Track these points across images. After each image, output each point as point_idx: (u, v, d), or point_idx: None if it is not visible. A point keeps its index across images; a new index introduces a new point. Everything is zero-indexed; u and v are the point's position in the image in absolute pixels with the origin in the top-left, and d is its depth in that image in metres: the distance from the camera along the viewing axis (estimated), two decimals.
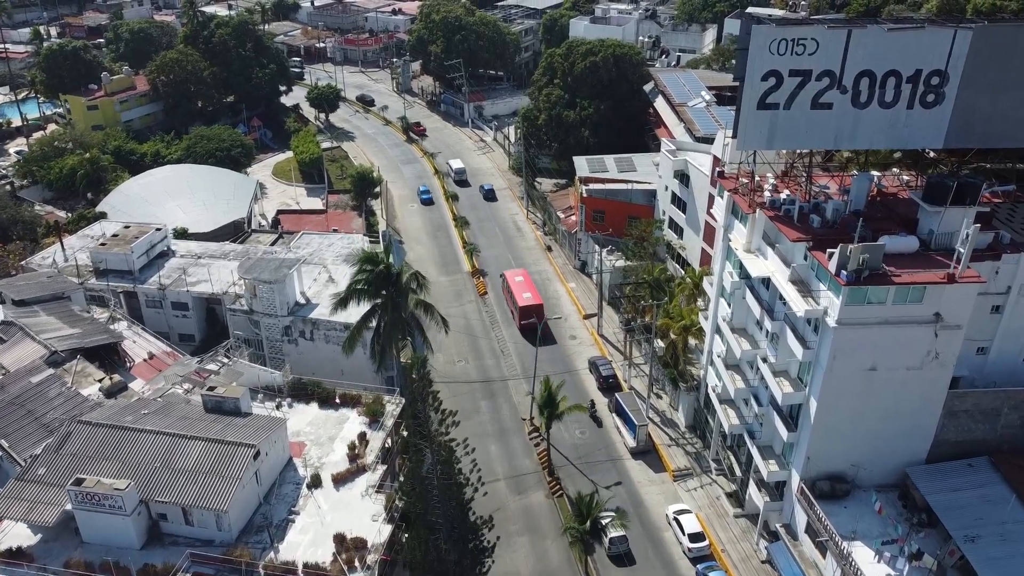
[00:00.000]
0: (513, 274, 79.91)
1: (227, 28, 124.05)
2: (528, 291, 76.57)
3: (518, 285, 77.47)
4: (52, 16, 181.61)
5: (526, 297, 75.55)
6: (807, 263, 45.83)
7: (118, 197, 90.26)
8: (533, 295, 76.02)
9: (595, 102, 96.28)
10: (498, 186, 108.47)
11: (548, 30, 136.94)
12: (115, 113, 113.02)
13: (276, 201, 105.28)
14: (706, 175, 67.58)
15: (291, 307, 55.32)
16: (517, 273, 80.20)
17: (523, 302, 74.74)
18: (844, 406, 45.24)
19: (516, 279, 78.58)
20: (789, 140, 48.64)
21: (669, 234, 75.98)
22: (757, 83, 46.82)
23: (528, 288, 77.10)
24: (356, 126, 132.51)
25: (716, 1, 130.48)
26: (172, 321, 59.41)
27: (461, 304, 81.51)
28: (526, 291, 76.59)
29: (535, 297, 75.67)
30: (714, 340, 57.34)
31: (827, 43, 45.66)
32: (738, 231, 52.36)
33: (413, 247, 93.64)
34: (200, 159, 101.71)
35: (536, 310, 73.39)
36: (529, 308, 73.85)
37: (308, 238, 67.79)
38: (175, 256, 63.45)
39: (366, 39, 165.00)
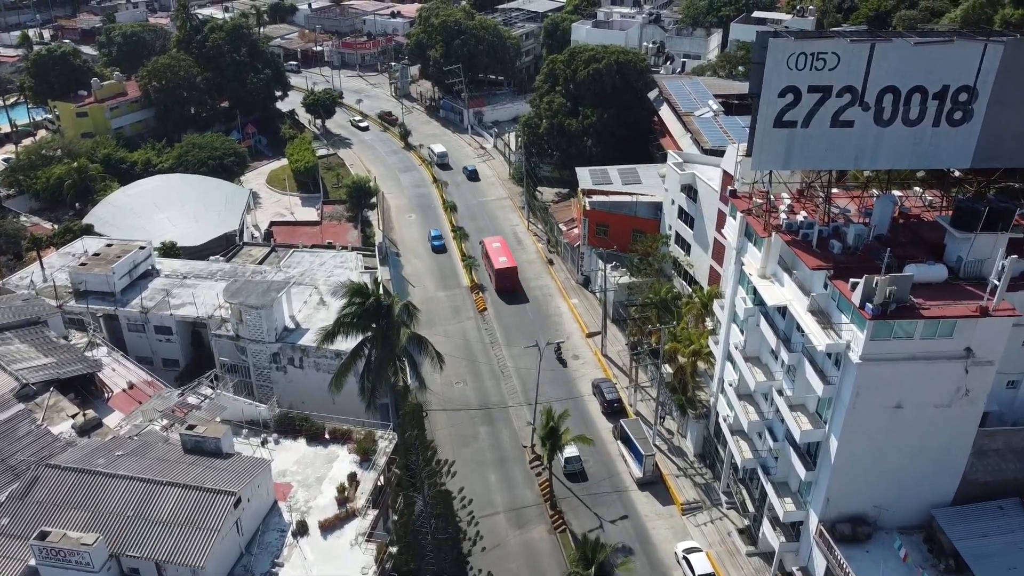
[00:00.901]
0: (491, 240, 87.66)
1: (221, 32, 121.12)
2: (504, 255, 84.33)
3: (495, 250, 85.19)
4: (45, 18, 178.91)
5: (502, 261, 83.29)
6: (827, 292, 42.96)
7: (106, 209, 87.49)
8: (508, 259, 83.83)
9: (598, 110, 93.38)
10: (498, 195, 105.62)
11: (549, 34, 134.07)
12: (105, 120, 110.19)
13: (270, 211, 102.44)
14: (715, 190, 64.70)
15: (279, 333, 52.49)
16: (495, 240, 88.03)
17: (499, 265, 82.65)
18: (867, 445, 42.39)
19: (493, 245, 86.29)
20: (807, 160, 45.79)
21: (676, 250, 73.11)
22: (774, 100, 44.02)
23: (504, 253, 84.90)
24: (353, 132, 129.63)
25: (721, 5, 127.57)
26: (155, 345, 56.59)
27: (459, 321, 78.66)
28: (502, 255, 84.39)
29: (510, 261, 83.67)
30: (725, 367, 54.45)
31: (849, 58, 42.84)
32: (752, 255, 49.47)
33: (410, 260, 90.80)
34: (192, 168, 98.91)
35: (511, 272, 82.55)
36: (504, 271, 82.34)
37: (299, 256, 64.96)
38: (159, 276, 60.60)
39: (364, 42, 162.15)
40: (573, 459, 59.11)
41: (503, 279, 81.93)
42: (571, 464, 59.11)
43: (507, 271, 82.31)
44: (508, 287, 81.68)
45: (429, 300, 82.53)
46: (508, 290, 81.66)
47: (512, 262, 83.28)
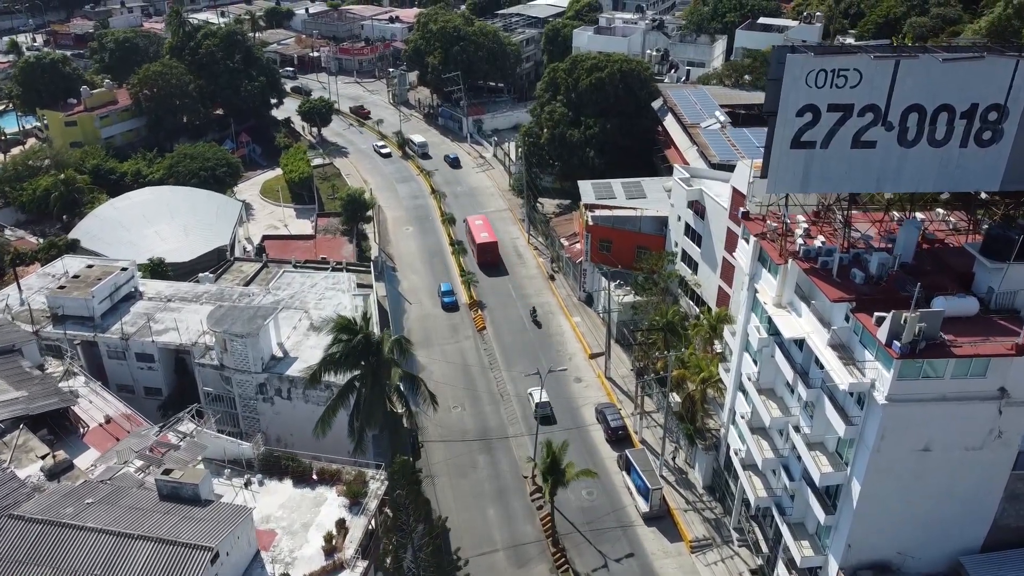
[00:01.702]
0: (474, 219, 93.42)
1: (214, 39, 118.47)
2: (485, 231, 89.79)
3: (477, 227, 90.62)
4: (38, 23, 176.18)
5: (483, 236, 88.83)
6: (849, 326, 40.17)
7: (93, 222, 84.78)
8: (489, 234, 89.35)
9: (600, 120, 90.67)
10: (498, 207, 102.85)
11: (550, 40, 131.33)
12: (95, 129, 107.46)
13: (263, 223, 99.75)
14: (724, 208, 61.93)
15: (266, 362, 49.69)
16: (478, 218, 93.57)
17: (481, 240, 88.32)
18: (892, 489, 39.58)
19: (476, 223, 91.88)
20: (826, 182, 43.00)
21: (682, 268, 70.31)
22: (791, 119, 41.23)
23: (486, 229, 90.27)
24: (350, 140, 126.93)
25: (726, 11, 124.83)
26: (137, 373, 53.80)
27: (457, 340, 75.86)
28: (484, 231, 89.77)
29: (491, 236, 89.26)
30: (737, 397, 51.62)
31: (872, 74, 40.07)
32: (766, 282, 46.69)
33: (407, 275, 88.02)
34: (183, 179, 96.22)
35: (492, 246, 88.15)
36: (485, 245, 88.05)
37: (289, 277, 62.13)
38: (142, 299, 57.78)
39: (362, 48, 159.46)
40: (543, 404, 63.51)
41: (484, 253, 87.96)
42: (541, 408, 63.25)
43: (488, 245, 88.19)
44: (489, 260, 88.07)
45: (426, 317, 79.82)
46: (489, 263, 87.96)
47: (493, 237, 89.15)
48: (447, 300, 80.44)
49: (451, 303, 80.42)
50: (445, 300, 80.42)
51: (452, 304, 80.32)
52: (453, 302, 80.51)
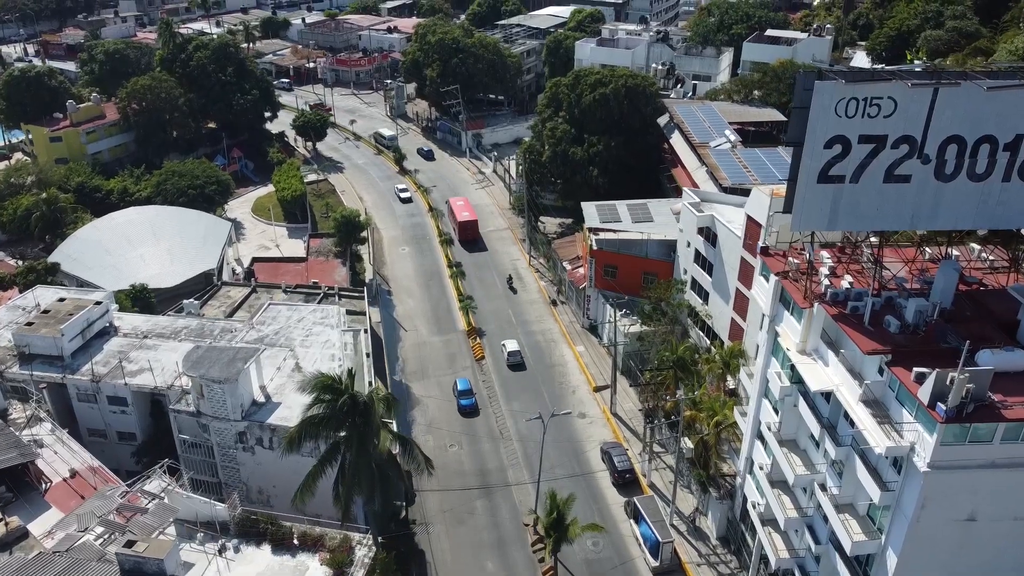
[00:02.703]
0: (455, 200, 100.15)
1: (206, 51, 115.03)
2: (466, 211, 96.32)
3: (459, 207, 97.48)
4: (30, 33, 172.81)
5: (464, 215, 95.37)
6: (884, 380, 36.48)
7: (75, 244, 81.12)
8: (470, 214, 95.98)
9: (604, 138, 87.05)
10: (498, 226, 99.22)
11: (552, 52, 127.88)
12: (81, 145, 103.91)
13: (254, 243, 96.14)
14: (738, 236, 58.25)
15: (246, 409, 45.95)
16: (459, 199, 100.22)
17: (461, 218, 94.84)
18: (931, 562, 35.89)
19: (458, 203, 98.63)
20: (856, 220, 39.39)
21: (692, 297, 66.63)
22: (819, 151, 37.68)
23: (467, 209, 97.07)
24: (345, 155, 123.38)
25: (732, 23, 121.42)
26: (109, 417, 50.10)
27: (455, 371, 72.08)
28: (465, 211, 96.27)
29: (471, 215, 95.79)
30: (754, 446, 47.91)
31: (907, 103, 36.57)
32: (789, 325, 42.99)
33: (403, 299, 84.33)
34: (171, 198, 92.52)
35: (472, 224, 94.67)
36: (466, 223, 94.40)
37: (275, 310, 58.35)
38: (117, 334, 54.07)
39: (359, 59, 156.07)
40: (514, 352, 71.47)
41: (465, 230, 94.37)
42: (512, 357, 71.08)
43: (468, 223, 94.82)
44: (469, 237, 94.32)
45: (422, 345, 76.12)
46: (470, 239, 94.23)
47: (473, 216, 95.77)
48: (464, 403, 65.65)
49: (469, 406, 65.58)
50: (462, 403, 65.65)
51: (471, 407, 65.55)
52: (472, 405, 65.72)
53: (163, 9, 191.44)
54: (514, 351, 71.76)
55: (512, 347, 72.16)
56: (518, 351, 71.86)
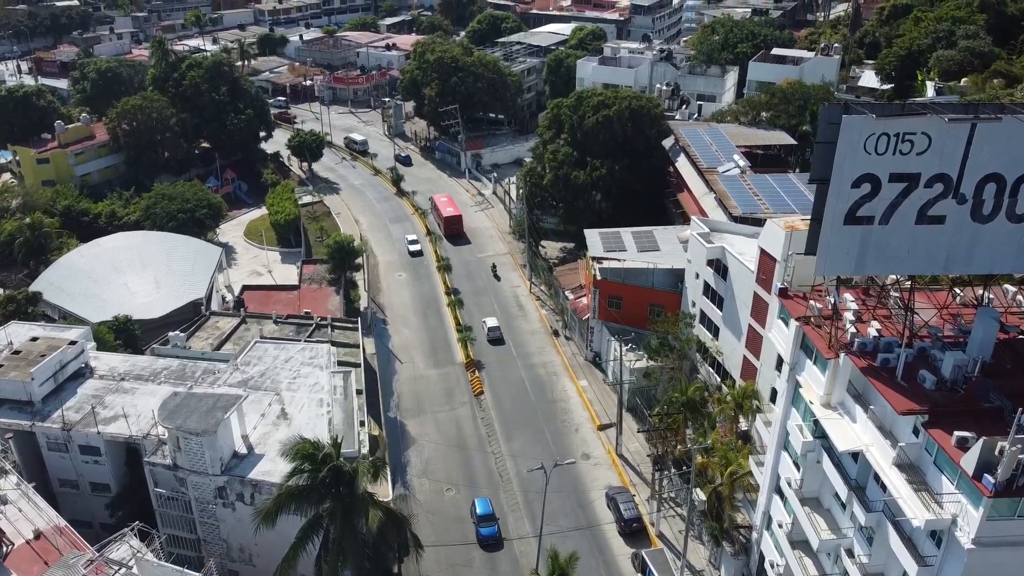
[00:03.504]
0: (439, 196, 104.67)
1: (199, 70, 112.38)
2: (450, 207, 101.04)
3: (443, 203, 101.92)
4: (24, 50, 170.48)
5: (449, 211, 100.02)
6: (920, 442, 33.32)
7: (58, 272, 78.07)
8: (454, 209, 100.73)
9: (608, 161, 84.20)
10: (498, 251, 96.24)
11: (553, 71, 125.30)
12: (69, 167, 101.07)
13: (245, 269, 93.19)
14: (750, 270, 55.18)
15: (226, 462, 42.74)
16: (442, 196, 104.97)
17: (447, 214, 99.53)
18: None
19: (441, 199, 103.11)
20: (886, 263, 36.44)
21: (701, 331, 63.50)
22: (846, 191, 34.75)
23: (450, 205, 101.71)
24: (342, 176, 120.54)
25: (737, 41, 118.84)
26: (81, 467, 46.88)
27: (452, 407, 68.90)
28: (449, 207, 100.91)
29: (455, 210, 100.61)
30: (772, 500, 44.65)
31: (943, 139, 33.69)
32: (811, 375, 39.84)
33: (399, 329, 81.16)
34: (160, 222, 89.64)
35: (456, 219, 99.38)
36: (450, 218, 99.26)
37: (261, 349, 55.18)
38: (93, 377, 50.93)
39: (356, 77, 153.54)
40: (494, 328, 77.39)
41: (450, 225, 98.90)
42: (492, 332, 76.95)
43: (453, 218, 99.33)
44: (454, 231, 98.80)
45: (418, 379, 72.94)
46: (455, 234, 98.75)
47: (457, 211, 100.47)
48: (485, 532, 54.45)
49: (491, 537, 54.35)
50: (482, 532, 54.46)
51: (493, 537, 54.34)
52: (494, 534, 54.48)
53: (159, 26, 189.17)
54: (494, 327, 77.96)
55: (492, 323, 78.47)
56: (497, 327, 78.10)
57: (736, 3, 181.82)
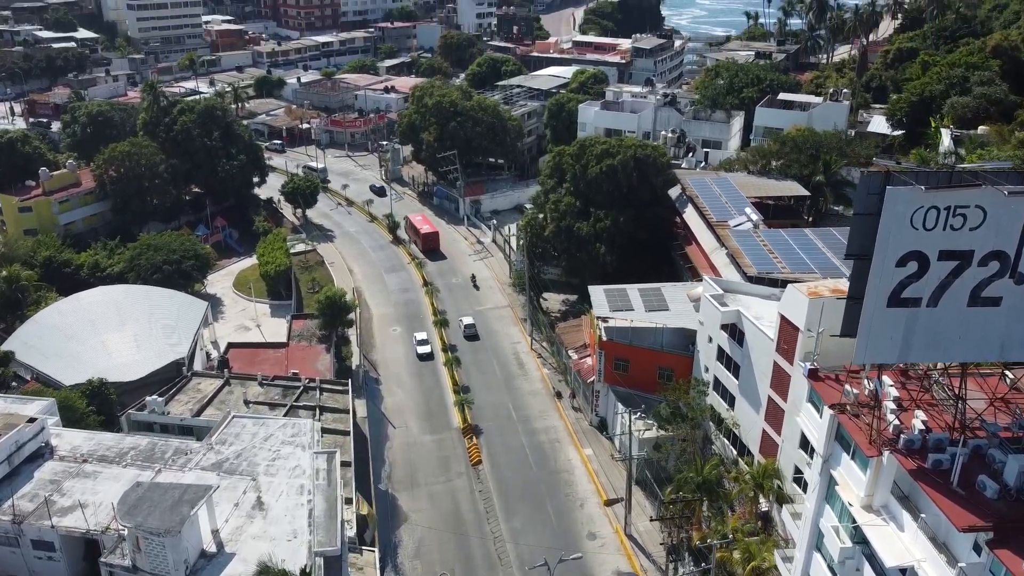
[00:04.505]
0: (414, 216, 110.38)
1: (191, 115, 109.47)
2: (426, 225, 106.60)
3: (418, 221, 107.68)
4: (18, 92, 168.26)
5: (425, 228, 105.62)
6: (984, 562, 28.88)
7: (33, 330, 73.86)
8: (430, 227, 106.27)
9: (612, 212, 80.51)
10: (497, 303, 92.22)
11: (554, 115, 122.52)
12: (52, 215, 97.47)
13: (232, 323, 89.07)
14: (770, 338, 51.03)
15: (192, 564, 38.11)
16: (417, 215, 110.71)
17: (424, 231, 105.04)
18: None
19: (416, 218, 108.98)
20: (934, 350, 32.39)
21: (715, 399, 59.15)
22: (890, 269, 30.82)
23: (426, 223, 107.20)
24: (337, 223, 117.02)
25: (743, 85, 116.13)
26: (34, 564, 42.13)
27: (448, 479, 64.26)
28: (425, 225, 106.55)
29: (432, 228, 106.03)
30: None
31: (999, 213, 29.91)
32: (848, 472, 35.48)
33: (392, 389, 76.79)
34: (144, 274, 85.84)
35: (433, 236, 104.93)
36: (428, 235, 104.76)
37: (239, 425, 50.66)
38: (53, 458, 46.43)
39: (354, 120, 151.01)
40: (470, 325, 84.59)
41: (428, 241, 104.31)
42: (468, 329, 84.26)
43: (430, 235, 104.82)
44: (432, 247, 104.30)
45: (412, 446, 68.42)
46: (432, 249, 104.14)
47: (433, 228, 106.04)
48: None
49: None
50: None
51: None
52: None
53: (155, 68, 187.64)
54: (470, 324, 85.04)
55: (468, 321, 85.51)
56: (473, 324, 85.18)
57: (738, 46, 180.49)
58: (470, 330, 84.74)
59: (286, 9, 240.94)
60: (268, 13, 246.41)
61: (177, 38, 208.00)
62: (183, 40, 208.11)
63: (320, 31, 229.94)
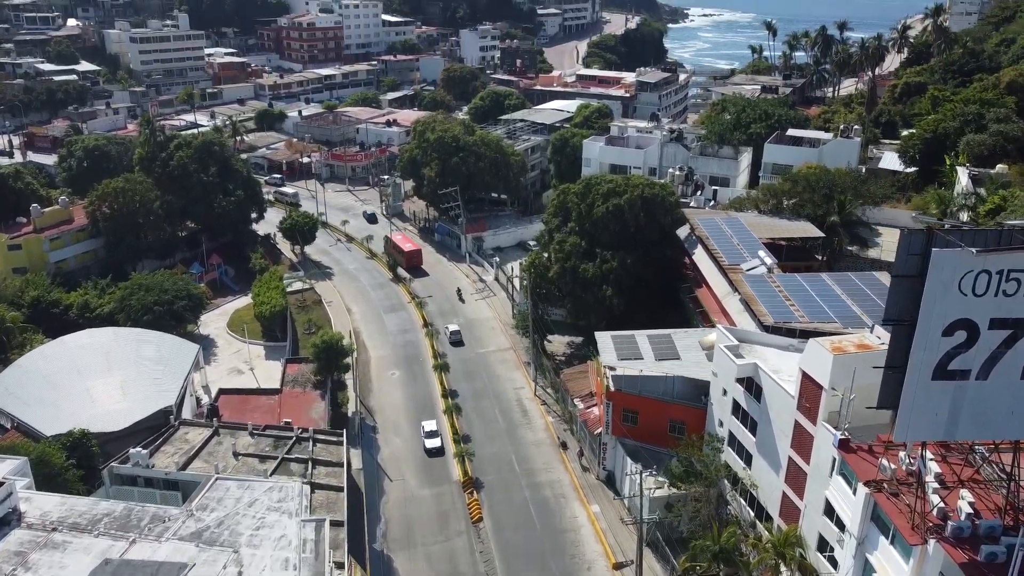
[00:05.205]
0: (395, 235, 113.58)
1: (188, 150, 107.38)
2: (408, 243, 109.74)
3: (399, 240, 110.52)
4: (17, 125, 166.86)
5: (408, 246, 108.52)
6: None
7: (15, 375, 70.85)
8: (412, 245, 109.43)
9: (619, 253, 77.69)
10: (500, 345, 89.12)
11: (558, 151, 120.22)
12: (43, 253, 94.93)
13: (225, 365, 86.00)
14: (791, 395, 47.87)
15: None
16: (397, 234, 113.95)
17: (407, 249, 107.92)
18: None
19: (397, 237, 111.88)
20: (984, 427, 29.33)
21: (731, 456, 55.79)
22: (935, 339, 27.79)
23: (407, 241, 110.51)
24: (336, 259, 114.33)
25: (751, 121, 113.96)
26: None
27: (447, 537, 60.72)
28: (407, 243, 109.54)
29: (414, 246, 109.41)
30: None
31: None
32: (887, 557, 32.19)
33: (389, 438, 73.46)
34: (135, 315, 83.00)
35: (416, 254, 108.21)
36: (411, 253, 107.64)
37: (222, 489, 47.38)
38: (20, 525, 43.19)
39: (355, 154, 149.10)
40: (456, 332, 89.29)
41: (411, 259, 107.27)
42: (454, 335, 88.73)
43: (413, 253, 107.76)
44: (415, 264, 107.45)
45: (409, 502, 64.94)
46: (415, 266, 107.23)
47: (416, 246, 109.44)
48: None
49: None
50: None
51: None
52: None
53: (156, 101, 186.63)
54: (455, 331, 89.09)
55: (453, 328, 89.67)
56: (458, 330, 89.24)
57: (743, 80, 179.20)
58: (455, 336, 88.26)
59: (289, 42, 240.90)
60: (271, 46, 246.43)
61: (179, 71, 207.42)
62: (185, 73, 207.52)
63: (323, 64, 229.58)
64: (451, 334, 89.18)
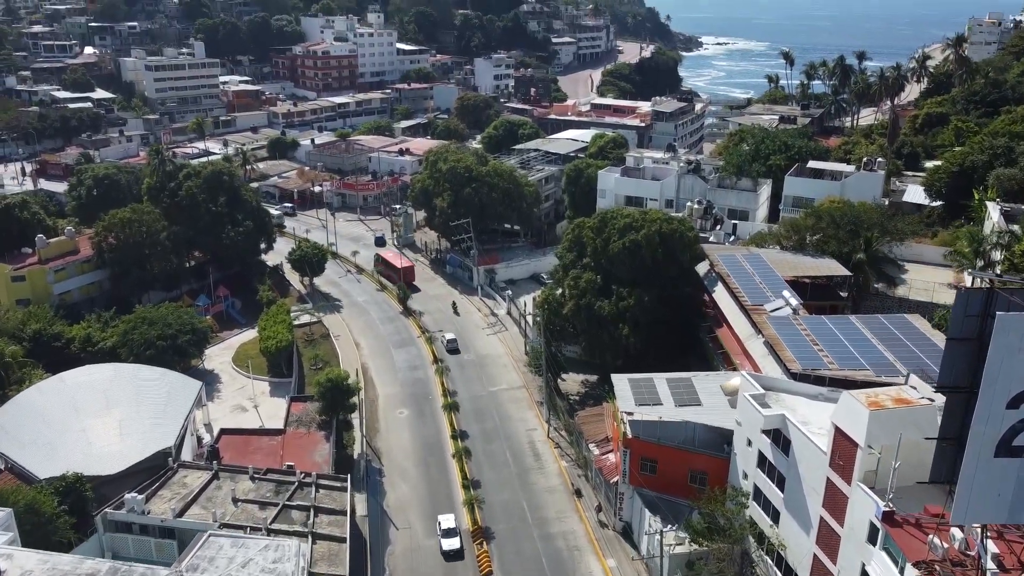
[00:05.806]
0: (385, 252, 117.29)
1: (197, 180, 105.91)
2: (400, 260, 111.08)
3: (392, 257, 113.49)
4: (31, 152, 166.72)
5: (401, 263, 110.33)
6: None
7: (11, 413, 68.44)
8: (405, 262, 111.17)
9: (636, 291, 74.91)
10: (511, 383, 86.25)
11: (572, 181, 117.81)
12: (47, 284, 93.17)
13: (228, 403, 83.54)
14: (822, 451, 44.71)
15: None
16: (388, 251, 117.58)
17: (400, 266, 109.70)
18: None
19: (389, 254, 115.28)
20: None
21: (756, 511, 52.48)
22: (999, 412, 24.81)
23: (399, 259, 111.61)
24: (345, 291, 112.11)
25: (770, 152, 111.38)
26: None
27: None
28: (399, 260, 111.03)
29: (407, 263, 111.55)
30: None
31: None
32: None
33: (395, 483, 70.51)
34: (137, 350, 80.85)
35: (409, 270, 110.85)
36: (405, 269, 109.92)
37: (215, 546, 44.65)
38: None
39: (367, 183, 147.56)
40: (452, 340, 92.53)
41: (406, 275, 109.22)
42: (451, 343, 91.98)
43: (407, 270, 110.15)
44: (408, 280, 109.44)
45: (416, 552, 61.89)
46: (408, 283, 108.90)
47: (409, 263, 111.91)
48: None
49: None
50: None
51: None
52: None
53: (168, 129, 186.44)
54: (452, 339, 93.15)
55: (450, 336, 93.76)
56: (455, 339, 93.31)
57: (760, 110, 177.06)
58: (452, 344, 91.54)
59: (304, 70, 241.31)
60: (286, 74, 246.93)
61: (194, 98, 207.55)
62: (200, 100, 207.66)
63: (337, 92, 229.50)
64: (448, 342, 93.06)
